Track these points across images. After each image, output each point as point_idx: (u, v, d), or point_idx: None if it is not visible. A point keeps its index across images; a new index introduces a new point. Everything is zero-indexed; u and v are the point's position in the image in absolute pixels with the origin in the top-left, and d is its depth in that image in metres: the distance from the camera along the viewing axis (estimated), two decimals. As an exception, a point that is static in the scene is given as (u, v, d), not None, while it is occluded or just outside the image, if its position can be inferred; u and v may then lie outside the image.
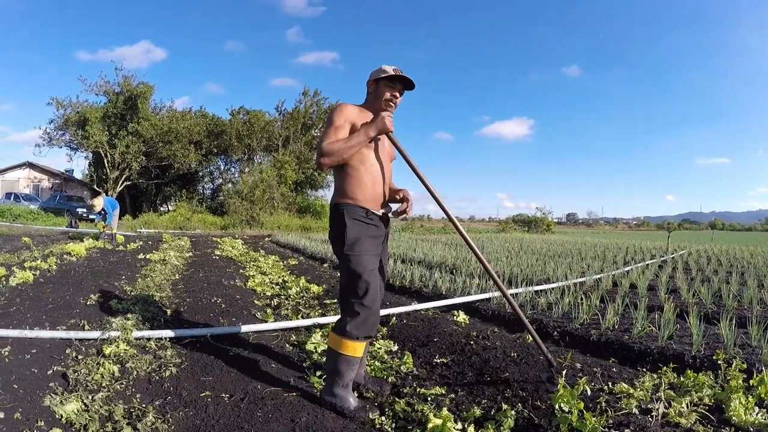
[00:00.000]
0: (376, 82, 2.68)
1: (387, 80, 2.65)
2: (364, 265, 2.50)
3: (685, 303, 4.90)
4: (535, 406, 2.44)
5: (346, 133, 2.56)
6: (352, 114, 2.60)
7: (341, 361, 2.54)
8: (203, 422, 2.34)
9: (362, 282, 2.49)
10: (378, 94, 2.67)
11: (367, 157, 2.61)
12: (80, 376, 2.66)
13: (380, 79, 2.66)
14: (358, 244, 2.52)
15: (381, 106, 2.67)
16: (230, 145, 33.41)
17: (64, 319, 3.71)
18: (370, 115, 2.65)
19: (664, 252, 12.08)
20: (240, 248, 12.13)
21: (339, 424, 2.39)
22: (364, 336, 2.53)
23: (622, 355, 3.39)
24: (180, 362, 3.15)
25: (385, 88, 2.66)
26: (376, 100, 2.69)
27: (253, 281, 6.53)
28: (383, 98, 2.66)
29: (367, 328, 2.52)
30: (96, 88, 30.74)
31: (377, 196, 2.63)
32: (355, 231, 2.54)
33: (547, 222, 45.79)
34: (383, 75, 2.64)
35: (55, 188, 34.86)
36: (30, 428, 2.02)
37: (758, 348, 3.19)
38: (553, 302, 4.77)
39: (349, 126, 2.58)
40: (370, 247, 2.55)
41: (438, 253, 10.34)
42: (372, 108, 2.70)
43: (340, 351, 2.53)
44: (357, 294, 2.50)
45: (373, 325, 2.55)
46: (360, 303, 2.49)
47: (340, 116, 2.58)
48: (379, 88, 2.67)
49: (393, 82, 2.66)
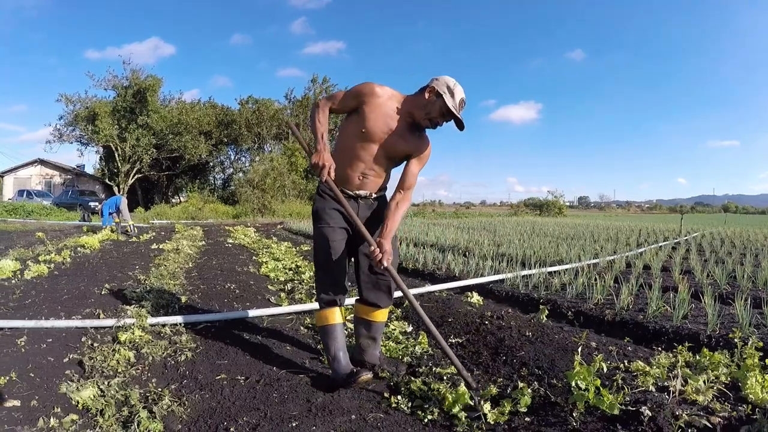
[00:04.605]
0: (437, 96, 2.51)
1: (445, 106, 2.50)
2: (323, 234, 2.64)
3: (699, 283, 4.87)
4: (551, 384, 2.46)
5: (346, 107, 2.62)
6: (370, 96, 2.52)
7: (321, 334, 2.75)
8: (219, 404, 2.36)
9: (319, 249, 2.67)
10: (429, 109, 2.52)
11: (354, 145, 2.59)
12: (96, 363, 2.67)
13: (441, 98, 2.49)
14: (318, 216, 2.68)
15: (422, 117, 2.54)
16: (240, 135, 33.33)
17: (79, 308, 3.77)
18: (392, 105, 2.55)
19: (677, 234, 11.97)
20: (252, 236, 12.17)
21: (355, 403, 2.40)
22: (325, 301, 2.68)
23: (637, 334, 3.39)
24: (195, 347, 3.18)
25: (439, 110, 2.52)
26: (422, 108, 2.53)
27: (267, 267, 6.56)
28: (427, 113, 2.53)
29: (323, 288, 2.67)
30: (104, 83, 30.79)
31: (347, 178, 2.64)
32: (318, 203, 2.69)
33: (559, 205, 45.44)
34: (447, 101, 2.48)
35: (67, 184, 35.36)
36: (46, 415, 2.04)
37: (774, 328, 3.17)
38: (566, 283, 4.77)
39: (355, 104, 2.57)
40: (330, 219, 2.64)
41: (450, 236, 10.33)
42: (412, 105, 2.56)
43: (318, 325, 2.78)
44: (316, 260, 2.70)
45: (329, 286, 2.66)
46: (317, 267, 2.71)
47: (353, 91, 2.59)
48: (434, 104, 2.51)
49: (448, 113, 2.52)
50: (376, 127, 2.53)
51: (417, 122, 2.58)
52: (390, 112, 2.54)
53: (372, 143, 2.57)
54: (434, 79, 2.56)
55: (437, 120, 2.55)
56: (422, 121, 2.56)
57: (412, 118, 2.57)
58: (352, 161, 2.61)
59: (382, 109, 2.53)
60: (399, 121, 2.56)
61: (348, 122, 2.65)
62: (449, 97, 2.49)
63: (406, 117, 2.57)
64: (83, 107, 29.89)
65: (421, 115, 2.54)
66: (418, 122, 2.58)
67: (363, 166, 2.61)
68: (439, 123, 2.58)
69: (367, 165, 2.62)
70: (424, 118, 2.55)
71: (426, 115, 2.53)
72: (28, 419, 2.01)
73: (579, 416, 2.11)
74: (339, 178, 2.64)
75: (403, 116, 2.56)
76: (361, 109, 2.55)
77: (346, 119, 2.68)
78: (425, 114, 2.53)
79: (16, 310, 3.64)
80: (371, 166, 2.62)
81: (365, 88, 2.55)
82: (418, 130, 2.63)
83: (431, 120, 2.55)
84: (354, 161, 2.61)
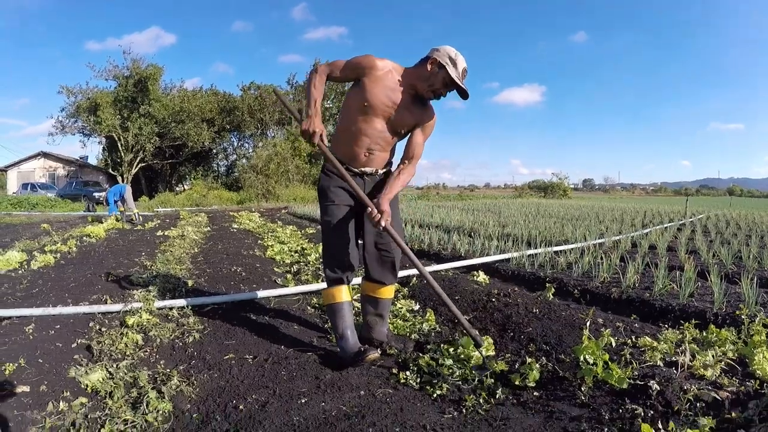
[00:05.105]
0: (439, 67, 2.49)
1: (448, 76, 2.48)
2: (329, 212, 2.65)
3: (704, 263, 4.86)
4: (559, 359, 2.47)
5: (345, 77, 2.60)
6: (370, 69, 2.50)
7: (329, 312, 2.77)
8: (228, 383, 2.37)
9: (325, 226, 2.68)
10: (432, 80, 2.50)
11: (357, 120, 2.57)
12: (104, 347, 2.68)
13: (444, 69, 2.47)
14: (324, 193, 2.69)
15: (425, 89, 2.53)
16: (243, 121, 33.17)
17: (87, 295, 3.79)
18: (394, 78, 2.53)
19: (682, 216, 11.93)
20: (257, 221, 12.18)
21: (363, 380, 2.41)
22: (331, 278, 2.69)
23: (644, 312, 3.39)
24: (203, 328, 3.20)
25: (442, 81, 2.50)
26: (424, 80, 2.52)
27: (272, 250, 6.58)
28: (430, 85, 2.52)
29: (330, 265, 2.68)
30: (105, 73, 30.59)
31: (352, 155, 2.63)
32: (324, 181, 2.70)
33: (564, 187, 45.29)
34: (450, 72, 2.46)
35: (71, 175, 35.43)
36: (56, 399, 2.04)
37: (780, 307, 3.16)
38: (572, 262, 4.77)
39: (354, 76, 2.56)
40: (336, 197, 2.65)
41: (455, 217, 10.33)
42: (413, 77, 2.54)
43: (325, 303, 2.80)
44: (323, 238, 2.72)
45: (336, 264, 2.66)
46: (324, 245, 2.73)
47: (353, 62, 2.56)
48: (437, 75, 2.49)
49: (452, 83, 2.51)
50: (379, 101, 2.51)
51: (419, 94, 2.57)
52: (392, 85, 2.53)
53: (375, 117, 2.55)
54: (434, 49, 2.54)
55: (440, 91, 2.54)
56: (425, 92, 2.55)
57: (415, 90, 2.56)
58: (357, 137, 2.59)
59: (383, 81, 2.51)
60: (402, 94, 2.54)
61: (350, 97, 2.62)
62: (452, 68, 2.47)
63: (408, 89, 2.55)
64: (85, 98, 29.78)
65: (423, 87, 2.53)
66: (420, 94, 2.56)
67: (368, 141, 2.59)
68: (442, 94, 2.56)
69: (373, 140, 2.60)
70: (427, 90, 2.53)
71: (429, 86, 2.52)
72: (37, 404, 2.02)
73: (587, 390, 2.12)
74: (344, 155, 2.63)
75: (406, 89, 2.55)
76: (361, 82, 2.53)
77: (348, 92, 2.66)
78: (428, 86, 2.52)
79: (24, 299, 3.66)
80: (376, 140, 2.60)
81: (365, 61, 2.52)
82: (421, 101, 2.62)
83: (434, 91, 2.54)
84: (359, 137, 2.59)
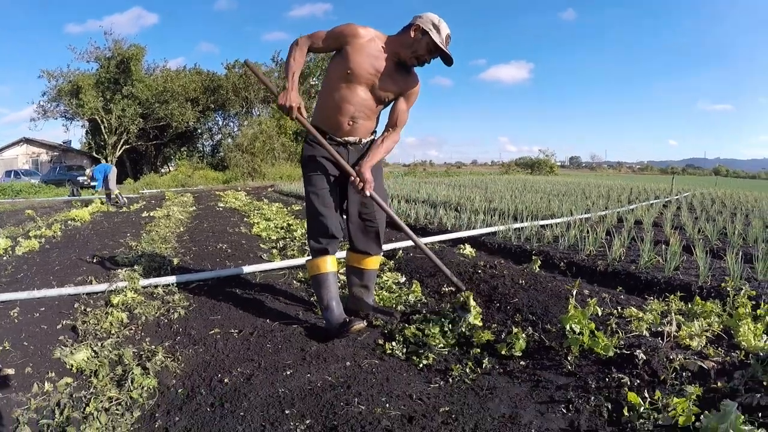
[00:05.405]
0: (423, 33, 2.46)
1: (432, 42, 2.45)
2: (312, 182, 2.62)
3: (690, 238, 4.88)
4: (545, 329, 2.46)
5: (327, 47, 2.56)
6: (353, 37, 2.48)
7: (314, 284, 2.73)
8: (213, 357, 2.37)
9: (309, 196, 2.64)
10: (415, 47, 2.47)
11: (340, 88, 2.54)
12: (89, 327, 2.67)
13: (427, 35, 2.44)
14: (307, 164, 2.65)
15: (408, 56, 2.50)
16: (227, 100, 32.91)
17: (72, 277, 3.75)
18: (377, 46, 2.51)
19: (668, 193, 12.02)
20: (243, 199, 12.11)
21: (349, 351, 2.40)
22: (316, 249, 2.65)
23: (629, 284, 3.40)
24: (188, 305, 3.18)
25: (426, 47, 2.47)
26: (407, 47, 2.49)
27: (258, 227, 6.54)
28: (413, 52, 2.49)
29: (314, 236, 2.65)
30: (87, 55, 30.22)
31: (336, 124, 2.59)
32: (307, 152, 2.66)
33: (550, 164, 45.58)
34: (434, 38, 2.43)
35: (54, 160, 34.85)
36: (41, 380, 2.03)
37: (764, 282, 3.17)
38: (558, 235, 4.77)
39: (336, 45, 2.52)
40: (319, 168, 2.62)
41: (441, 193, 10.32)
42: (397, 45, 2.52)
43: (310, 274, 2.74)
44: (307, 209, 2.68)
45: (320, 234, 2.62)
46: (308, 216, 2.68)
47: (335, 32, 2.53)
48: (420, 42, 2.46)
49: (436, 49, 2.48)
50: (362, 68, 2.48)
51: (403, 61, 2.55)
52: (375, 53, 2.50)
53: (359, 85, 2.53)
54: (417, 16, 2.51)
55: (425, 57, 2.52)
56: (409, 59, 2.53)
57: (398, 58, 2.54)
58: (341, 105, 2.56)
59: (366, 49, 2.49)
60: (386, 61, 2.52)
61: (332, 66, 2.59)
62: (435, 34, 2.45)
63: (392, 57, 2.53)
64: (66, 81, 29.34)
65: (407, 54, 2.51)
66: (404, 61, 2.54)
67: (352, 110, 2.57)
68: (426, 60, 2.55)
69: (357, 108, 2.57)
70: (411, 56, 2.51)
71: (413, 53, 2.50)
72: (22, 386, 2.00)
73: (574, 360, 2.12)
74: (328, 125, 2.60)
75: (390, 56, 2.53)
76: (344, 51, 2.50)
77: (330, 62, 2.63)
78: (412, 53, 2.50)
79: (9, 284, 3.61)
80: (360, 109, 2.58)
81: (347, 29, 2.50)
82: (405, 69, 2.60)
83: (418, 58, 2.52)
84: (342, 105, 2.56)
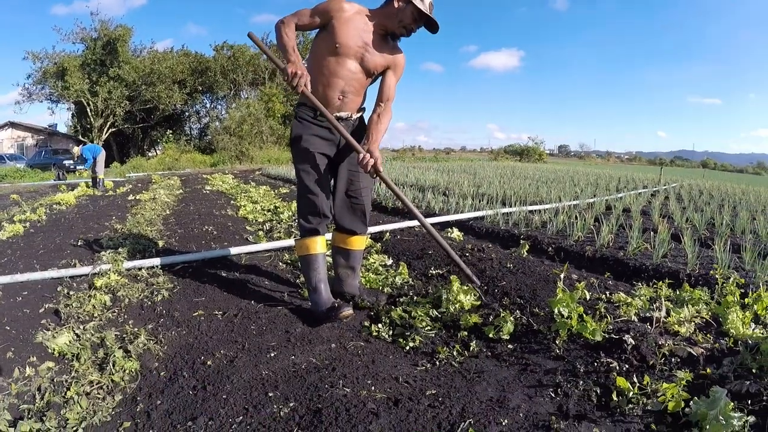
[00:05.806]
0: (406, 2, 2.46)
1: (417, 10, 2.45)
2: (303, 160, 2.56)
3: (678, 227, 4.89)
4: (533, 313, 2.43)
5: (313, 23, 2.51)
6: (338, 11, 2.45)
7: (302, 265, 2.67)
8: (197, 339, 2.33)
9: (299, 175, 2.58)
10: (401, 16, 2.48)
11: (329, 62, 2.50)
12: (72, 310, 2.62)
13: (411, 3, 2.44)
14: (298, 142, 2.58)
15: (396, 26, 2.51)
16: (215, 82, 32.08)
17: (56, 261, 3.66)
18: (363, 19, 2.49)
19: (656, 183, 12.07)
20: (230, 182, 11.93)
21: (335, 333, 2.38)
22: (305, 228, 2.59)
23: (618, 270, 3.39)
24: (172, 287, 3.11)
25: (411, 16, 2.47)
26: (393, 17, 2.49)
27: (245, 210, 6.45)
28: (399, 21, 2.49)
29: (304, 215, 2.60)
30: (72, 36, 28.98)
31: (326, 99, 2.54)
32: (298, 129, 2.59)
33: (539, 152, 45.63)
34: (418, 4, 2.44)
35: (40, 144, 34.00)
36: (22, 365, 1.99)
37: (752, 271, 3.18)
38: (547, 221, 4.75)
39: (323, 21, 2.48)
40: (310, 145, 2.56)
41: (430, 177, 10.27)
42: (382, 16, 2.52)
43: (298, 255, 2.69)
44: (298, 188, 2.63)
45: (310, 213, 2.58)
46: (298, 195, 2.64)
47: (321, 7, 2.49)
48: (405, 11, 2.47)
49: (421, 17, 2.49)
50: (351, 41, 2.47)
51: (390, 33, 2.56)
52: (362, 26, 2.50)
53: (348, 58, 2.50)
54: None
55: (411, 26, 2.53)
56: (397, 29, 2.53)
57: (385, 30, 2.54)
58: (330, 80, 2.52)
59: (353, 22, 2.47)
60: (373, 34, 2.52)
61: (318, 42, 2.55)
62: (419, 1, 2.45)
63: (378, 29, 2.53)
64: (51, 63, 28.26)
65: (394, 24, 2.51)
66: (391, 32, 2.55)
67: (342, 84, 2.53)
68: (413, 29, 2.55)
69: (347, 82, 2.54)
70: (398, 26, 2.52)
71: (399, 23, 2.50)
72: (3, 370, 1.96)
73: (562, 344, 2.09)
74: (318, 100, 2.53)
75: (376, 29, 2.53)
76: (330, 25, 2.47)
77: (315, 39, 2.59)
78: (398, 22, 2.50)
79: None
80: (350, 83, 2.55)
81: (333, 4, 2.47)
82: (391, 42, 2.61)
83: (406, 27, 2.53)
84: (332, 79, 2.52)
